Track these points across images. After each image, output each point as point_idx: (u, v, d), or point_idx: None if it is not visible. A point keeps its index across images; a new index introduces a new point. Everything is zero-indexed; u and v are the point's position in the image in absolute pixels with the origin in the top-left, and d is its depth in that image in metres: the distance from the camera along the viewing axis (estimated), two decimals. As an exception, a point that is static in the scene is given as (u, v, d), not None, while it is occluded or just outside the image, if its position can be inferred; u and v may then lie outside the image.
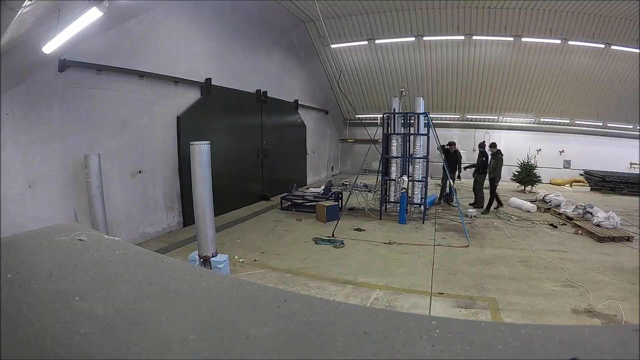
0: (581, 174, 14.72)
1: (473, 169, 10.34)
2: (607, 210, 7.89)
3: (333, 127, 17.52)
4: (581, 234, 7.30)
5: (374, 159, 13.45)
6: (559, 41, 12.12)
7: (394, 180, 8.85)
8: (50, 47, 4.75)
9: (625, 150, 14.38)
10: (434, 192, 10.75)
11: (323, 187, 10.69)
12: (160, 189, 7.27)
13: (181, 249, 6.32)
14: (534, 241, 6.78)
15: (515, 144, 15.54)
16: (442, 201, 10.39)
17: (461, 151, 16.75)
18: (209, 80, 8.25)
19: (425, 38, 12.99)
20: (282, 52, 12.66)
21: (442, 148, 9.30)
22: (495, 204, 9.54)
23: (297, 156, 13.64)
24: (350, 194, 9.27)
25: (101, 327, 0.61)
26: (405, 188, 8.30)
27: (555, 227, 7.88)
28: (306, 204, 9.31)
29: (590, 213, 7.93)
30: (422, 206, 8.69)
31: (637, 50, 11.67)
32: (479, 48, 13.23)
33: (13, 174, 4.90)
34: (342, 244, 6.57)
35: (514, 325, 0.64)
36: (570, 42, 12.13)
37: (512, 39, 12.51)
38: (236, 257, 5.86)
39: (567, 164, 15.34)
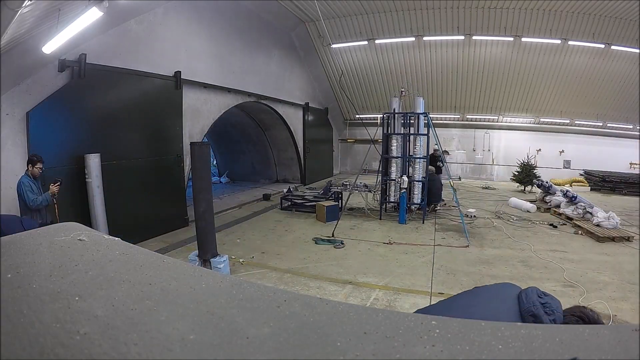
0: (581, 174, 14.72)
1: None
2: (607, 210, 7.89)
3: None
4: (581, 234, 7.30)
5: (374, 159, 13.46)
6: (559, 41, 12.13)
7: (394, 180, 8.85)
8: (50, 47, 4.76)
9: (625, 150, 14.40)
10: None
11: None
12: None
13: (181, 249, 6.32)
14: (533, 241, 6.78)
15: (515, 144, 15.58)
16: None
17: (460, 151, 16.85)
18: (82, 56, 5.56)
19: (425, 38, 12.99)
20: (282, 52, 12.67)
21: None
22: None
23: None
24: (350, 194, 9.27)
25: (101, 327, 0.61)
26: (405, 188, 8.30)
27: (555, 227, 7.88)
28: (306, 204, 9.32)
29: (590, 213, 7.93)
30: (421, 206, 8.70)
31: (637, 50, 11.67)
32: (479, 48, 13.23)
33: (13, 174, 4.90)
34: (342, 244, 6.57)
35: (514, 325, 0.64)
36: (570, 42, 12.14)
37: (512, 39, 12.51)
38: (233, 256, 5.86)
39: (567, 164, 15.37)
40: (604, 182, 13.26)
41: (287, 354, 0.56)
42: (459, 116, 16.26)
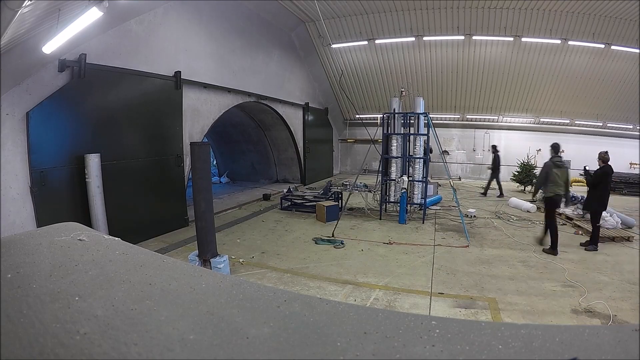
0: (581, 174, 14.70)
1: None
2: (607, 211, 7.87)
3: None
4: (581, 234, 7.30)
5: (374, 159, 13.46)
6: (559, 41, 12.13)
7: (394, 180, 8.85)
8: (50, 47, 4.76)
9: (625, 150, 14.39)
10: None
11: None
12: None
13: (181, 249, 6.32)
14: (533, 241, 6.77)
15: (515, 144, 15.56)
16: None
17: (460, 151, 16.82)
18: (83, 56, 5.54)
19: (425, 38, 12.99)
20: (282, 52, 12.67)
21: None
22: None
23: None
24: (350, 194, 9.27)
25: (101, 327, 0.61)
26: (405, 188, 8.30)
27: (555, 227, 7.86)
28: (306, 204, 9.32)
29: (590, 213, 7.90)
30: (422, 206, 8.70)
31: (637, 50, 11.67)
32: (479, 48, 13.23)
33: (13, 174, 4.90)
34: (342, 244, 6.57)
35: (514, 325, 0.64)
36: (570, 42, 12.14)
37: (512, 39, 12.51)
38: (233, 256, 5.86)
39: (567, 164, 15.36)
40: (604, 182, 13.24)
41: (287, 354, 0.56)
42: (459, 116, 16.25)
